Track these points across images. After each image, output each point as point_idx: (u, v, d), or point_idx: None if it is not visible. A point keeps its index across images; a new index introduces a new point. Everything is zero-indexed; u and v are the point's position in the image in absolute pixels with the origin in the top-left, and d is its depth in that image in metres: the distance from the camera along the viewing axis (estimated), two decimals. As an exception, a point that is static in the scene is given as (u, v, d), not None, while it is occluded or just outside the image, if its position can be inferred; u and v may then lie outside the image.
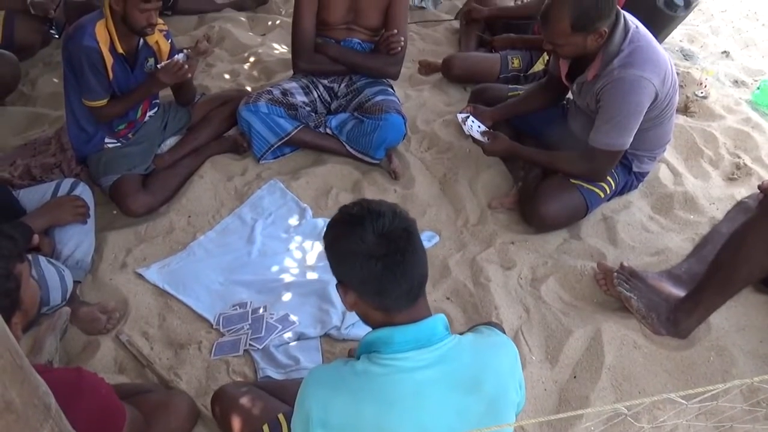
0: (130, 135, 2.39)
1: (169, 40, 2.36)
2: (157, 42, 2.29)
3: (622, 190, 2.37)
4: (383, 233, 1.09)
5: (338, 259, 1.15)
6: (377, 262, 1.08)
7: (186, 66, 2.23)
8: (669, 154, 2.59)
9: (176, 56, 2.23)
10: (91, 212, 2.10)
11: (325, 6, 2.53)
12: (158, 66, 2.25)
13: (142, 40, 2.25)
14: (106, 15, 2.14)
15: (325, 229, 1.19)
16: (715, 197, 2.46)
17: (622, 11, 2.02)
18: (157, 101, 2.50)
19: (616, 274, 2.00)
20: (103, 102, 2.21)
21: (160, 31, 2.30)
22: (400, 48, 2.56)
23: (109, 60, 2.17)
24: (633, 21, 2.04)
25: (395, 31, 2.53)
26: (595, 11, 1.89)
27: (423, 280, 1.14)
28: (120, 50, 2.19)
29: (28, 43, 2.96)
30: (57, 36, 3.15)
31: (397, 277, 1.09)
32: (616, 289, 1.97)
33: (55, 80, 3.06)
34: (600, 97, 2.04)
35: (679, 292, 1.96)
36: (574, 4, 1.89)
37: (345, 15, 2.56)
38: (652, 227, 2.32)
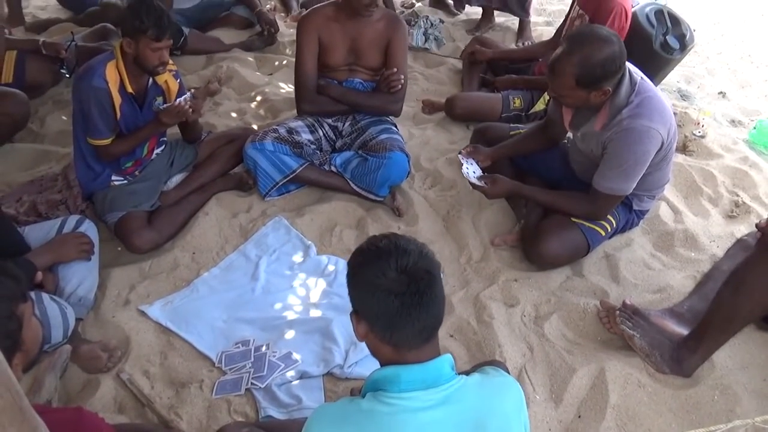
0: (136, 172, 2.43)
1: (178, 80, 2.42)
2: (166, 81, 2.35)
3: (623, 228, 2.38)
4: (406, 271, 1.10)
5: (357, 288, 1.16)
6: (395, 298, 1.09)
7: (189, 107, 2.27)
8: (669, 192, 2.62)
9: (179, 99, 2.26)
10: (96, 249, 2.11)
11: (326, 49, 2.60)
12: (161, 107, 2.29)
13: (151, 80, 2.31)
14: (116, 56, 2.20)
15: (349, 257, 1.20)
16: (715, 235, 2.47)
17: (627, 64, 2.04)
18: (165, 139, 2.54)
19: (618, 312, 2.00)
20: (107, 141, 2.25)
21: (170, 70, 2.36)
22: (400, 86, 2.62)
23: (117, 100, 2.21)
24: (637, 72, 2.07)
25: (395, 69, 2.59)
26: (600, 71, 1.92)
27: (437, 324, 1.15)
28: (129, 90, 2.24)
29: (39, 82, 3.02)
30: (68, 75, 3.22)
31: (412, 317, 1.09)
32: (619, 327, 1.97)
33: (64, 118, 3.11)
34: (607, 145, 2.06)
35: (682, 330, 1.96)
36: (581, 62, 1.92)
37: (346, 57, 2.63)
38: (654, 265, 2.33)
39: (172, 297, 2.16)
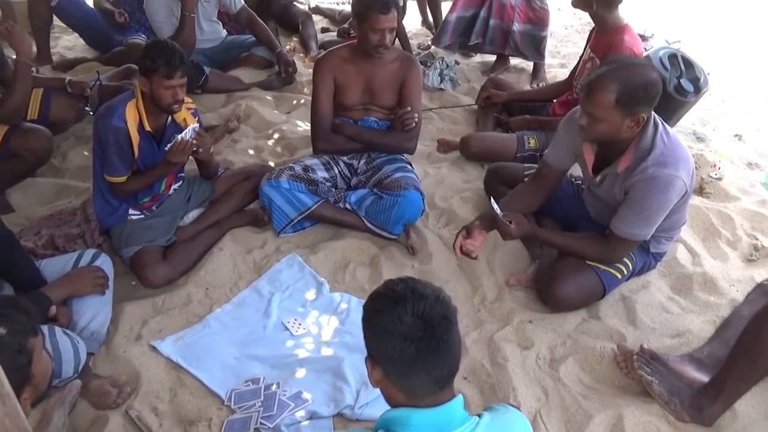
0: (154, 207, 2.46)
1: (197, 118, 2.47)
2: (184, 119, 2.40)
3: (640, 271, 2.35)
4: (422, 316, 1.08)
5: (372, 333, 1.15)
6: (410, 344, 1.07)
7: (194, 142, 2.28)
8: (686, 234, 2.59)
9: (180, 135, 2.28)
10: (110, 283, 2.12)
11: (342, 90, 2.65)
12: (166, 148, 2.31)
13: (170, 118, 2.36)
14: (137, 95, 2.26)
15: (367, 299, 1.19)
16: (735, 279, 2.43)
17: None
18: (182, 174, 2.58)
19: (636, 356, 1.95)
20: (122, 178, 2.30)
21: (188, 108, 2.41)
22: (414, 124, 2.65)
23: (135, 138, 2.26)
24: (658, 117, 2.06)
25: (409, 108, 2.63)
26: (642, 93, 1.90)
27: (453, 371, 1.13)
28: (148, 128, 2.29)
29: (62, 118, 3.09)
30: (91, 113, 3.31)
31: (428, 363, 1.08)
32: (637, 373, 1.92)
33: (85, 153, 3.18)
34: (629, 191, 2.03)
35: (702, 377, 1.91)
36: (626, 80, 1.89)
37: (361, 96, 2.67)
38: (672, 308, 2.29)
39: (184, 333, 2.16)
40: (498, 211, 2.21)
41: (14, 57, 2.67)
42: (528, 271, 2.44)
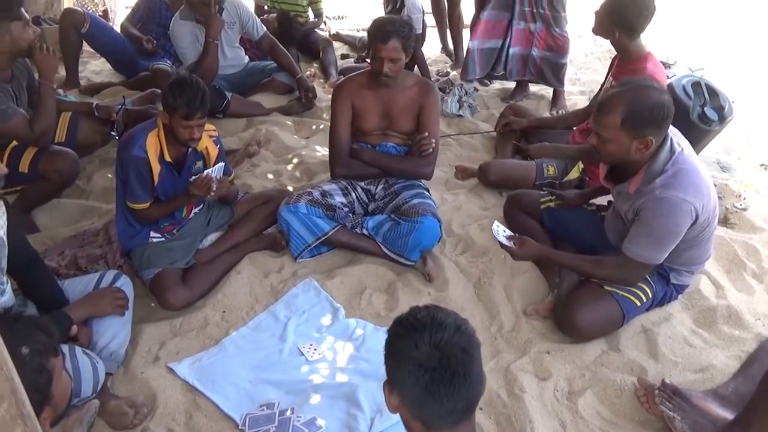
0: (174, 231, 2.49)
1: (218, 145, 2.51)
2: (206, 147, 2.44)
3: (661, 301, 2.31)
4: (439, 346, 1.07)
5: (391, 358, 1.14)
6: (425, 373, 1.06)
7: (214, 185, 2.31)
8: (710, 265, 2.54)
9: (208, 171, 2.33)
10: (130, 304, 2.14)
11: (360, 115, 2.68)
12: (191, 180, 2.36)
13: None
14: (158, 125, 2.31)
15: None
16: (761, 313, 2.37)
17: (672, 132, 2.04)
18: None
19: (657, 391, 1.91)
20: (145, 205, 2.35)
21: (210, 136, 2.46)
22: (431, 149, 2.66)
23: (156, 168, 2.31)
24: (680, 143, 2.06)
25: (426, 133, 2.65)
26: (648, 114, 1.91)
27: (470, 405, 1.11)
28: (168, 159, 2.33)
29: (89, 141, 3.17)
30: (116, 137, 3.38)
31: (441, 395, 1.07)
32: (659, 408, 1.87)
33: (109, 176, 3.24)
34: (639, 212, 2.04)
35: (727, 414, 1.85)
36: (630, 102, 1.92)
37: (379, 122, 2.70)
38: (695, 342, 2.24)
39: (201, 355, 2.17)
40: (500, 236, 2.19)
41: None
42: (546, 300, 2.41)
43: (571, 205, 2.58)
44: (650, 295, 2.22)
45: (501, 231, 2.25)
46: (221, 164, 2.40)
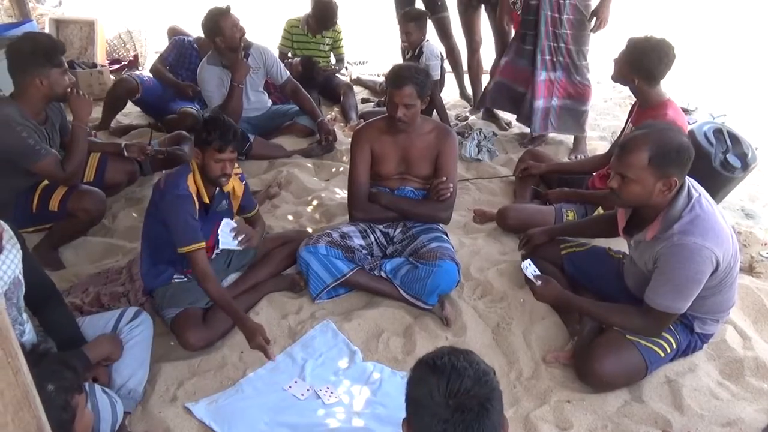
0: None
1: (243, 182, 2.57)
2: (233, 187, 2.49)
3: (685, 351, 2.26)
4: (455, 396, 1.05)
5: (409, 398, 1.13)
6: (438, 423, 1.05)
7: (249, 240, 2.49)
8: (735, 315, 2.49)
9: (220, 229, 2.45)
10: (149, 343, 2.16)
11: (379, 160, 2.72)
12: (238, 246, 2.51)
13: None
14: (193, 169, 2.35)
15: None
16: (790, 364, 2.30)
17: (689, 179, 2.05)
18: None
19: (684, 445, 1.85)
20: (202, 245, 2.28)
21: (235, 173, 2.51)
22: (449, 194, 2.69)
23: (197, 205, 2.34)
24: (698, 189, 2.06)
25: (444, 178, 2.68)
26: (675, 155, 1.94)
27: None
28: (206, 200, 2.38)
29: (116, 181, 3.24)
30: (143, 175, 3.48)
31: None
32: (685, 463, 1.81)
33: (134, 215, 3.31)
34: (658, 259, 2.02)
35: (757, 472, 1.79)
36: (659, 141, 1.95)
37: (397, 166, 2.74)
38: (722, 394, 2.17)
39: (218, 396, 2.16)
40: (529, 273, 2.20)
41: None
42: (566, 347, 2.37)
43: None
44: (674, 346, 2.17)
45: (531, 269, 2.26)
46: (226, 220, 2.47)
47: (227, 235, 2.47)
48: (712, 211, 2.03)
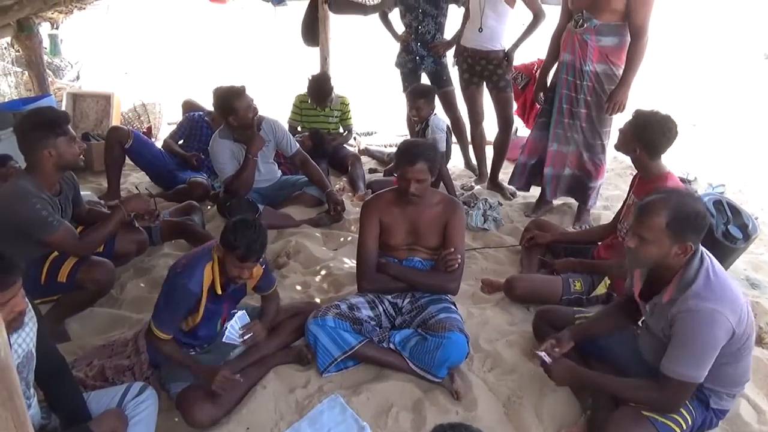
0: (205, 345, 2.51)
1: (264, 265, 2.54)
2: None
3: (701, 427, 2.20)
4: None
5: None
6: None
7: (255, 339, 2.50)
8: (748, 388, 2.43)
9: (227, 325, 2.46)
10: (153, 419, 2.12)
11: (387, 231, 2.77)
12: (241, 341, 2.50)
13: None
14: (213, 258, 2.35)
15: None
16: (808, 440, 2.25)
17: (702, 247, 2.08)
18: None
19: None
20: (168, 337, 2.32)
21: None
22: (457, 265, 2.71)
23: (204, 301, 2.34)
24: (709, 255, 2.09)
25: (452, 249, 2.71)
26: (693, 221, 1.98)
27: None
28: (218, 292, 2.36)
29: (126, 252, 3.26)
30: (152, 244, 3.51)
31: None
32: None
33: (142, 285, 3.32)
34: (674, 323, 2.02)
35: None
36: (677, 206, 1.99)
37: (405, 237, 2.78)
38: (741, 472, 2.11)
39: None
40: (545, 358, 2.20)
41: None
42: (579, 422, 2.32)
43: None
44: (690, 422, 2.12)
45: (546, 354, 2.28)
46: (242, 312, 2.50)
47: (235, 331, 2.48)
48: (725, 277, 2.05)
